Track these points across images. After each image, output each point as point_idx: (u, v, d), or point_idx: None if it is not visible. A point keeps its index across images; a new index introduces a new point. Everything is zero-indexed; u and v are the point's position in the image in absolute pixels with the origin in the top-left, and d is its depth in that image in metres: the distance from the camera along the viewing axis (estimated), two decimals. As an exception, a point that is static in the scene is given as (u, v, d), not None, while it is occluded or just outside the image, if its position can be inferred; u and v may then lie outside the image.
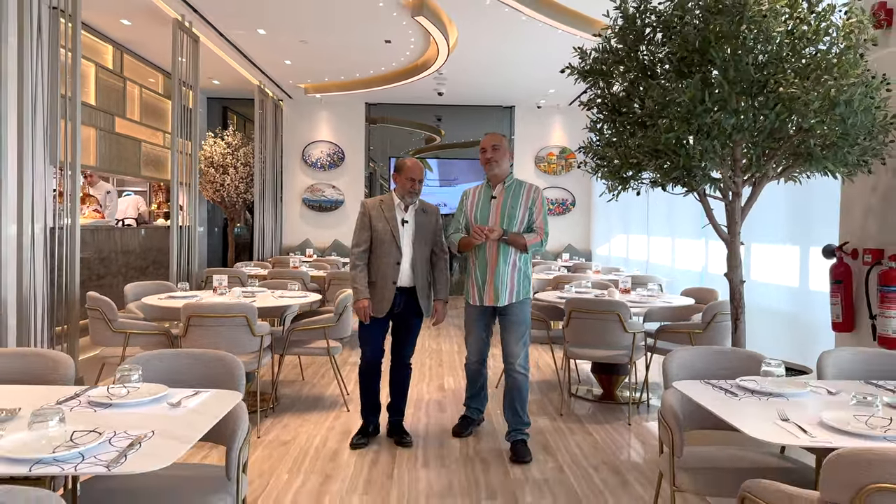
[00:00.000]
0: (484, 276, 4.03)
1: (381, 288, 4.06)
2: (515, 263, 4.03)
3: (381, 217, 4.08)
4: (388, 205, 4.13)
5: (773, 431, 1.97)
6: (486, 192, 4.12)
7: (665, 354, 2.93)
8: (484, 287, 4.03)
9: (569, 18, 6.93)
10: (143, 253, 9.31)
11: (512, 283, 4.01)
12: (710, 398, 2.32)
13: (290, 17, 7.48)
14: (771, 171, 3.47)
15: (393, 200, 4.13)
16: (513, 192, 4.06)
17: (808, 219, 4.97)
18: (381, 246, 4.07)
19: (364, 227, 4.11)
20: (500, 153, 4.05)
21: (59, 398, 2.17)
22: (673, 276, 7.63)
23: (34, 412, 1.79)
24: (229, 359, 2.55)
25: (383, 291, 4.05)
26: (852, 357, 2.84)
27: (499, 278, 3.99)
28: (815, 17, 3.29)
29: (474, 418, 4.44)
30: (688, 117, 3.14)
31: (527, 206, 4.03)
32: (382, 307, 4.06)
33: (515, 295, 4.03)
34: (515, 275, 4.03)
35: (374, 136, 12.96)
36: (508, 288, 4.01)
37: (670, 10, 3.45)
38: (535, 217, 4.03)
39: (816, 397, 2.34)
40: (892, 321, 3.51)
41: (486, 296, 4.03)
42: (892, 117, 3.39)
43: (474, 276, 4.09)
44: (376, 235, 4.07)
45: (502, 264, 3.99)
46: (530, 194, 4.07)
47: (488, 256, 4.00)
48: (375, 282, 4.08)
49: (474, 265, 4.08)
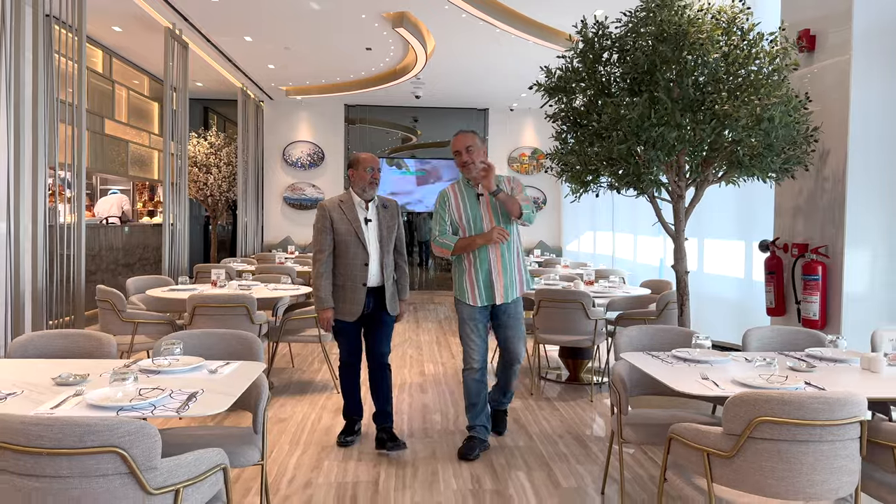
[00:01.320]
0: (488, 273, 3.85)
1: (350, 291, 3.90)
2: (519, 253, 3.96)
3: (342, 218, 3.90)
4: (349, 204, 3.94)
5: (693, 386, 2.49)
6: (469, 190, 3.94)
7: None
8: (492, 285, 3.85)
9: (538, 31, 7.45)
10: (130, 250, 9.65)
11: (520, 274, 3.94)
12: (649, 365, 2.84)
13: (277, 26, 7.90)
14: (711, 177, 4.02)
15: (352, 199, 3.96)
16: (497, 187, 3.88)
17: (752, 217, 5.55)
18: (346, 248, 3.89)
19: (325, 231, 3.90)
20: (475, 153, 3.87)
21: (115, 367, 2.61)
22: (635, 270, 8.22)
23: (115, 371, 2.24)
24: (250, 337, 3.01)
25: (353, 294, 3.89)
26: (771, 333, 3.40)
27: (507, 274, 3.87)
28: (746, 43, 3.84)
29: (482, 438, 4.01)
30: (637, 131, 3.66)
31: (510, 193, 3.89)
32: (354, 310, 3.90)
33: (526, 284, 3.98)
34: (521, 264, 3.96)
35: (352, 136, 13.38)
36: (518, 281, 3.93)
37: (624, 35, 3.99)
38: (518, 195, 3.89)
39: (735, 364, 2.88)
40: (813, 305, 4.08)
41: (495, 294, 3.86)
42: (812, 130, 3.97)
43: (475, 274, 3.88)
44: (339, 238, 3.89)
45: (508, 258, 3.88)
46: (510, 185, 3.94)
47: (493, 254, 3.85)
48: (343, 285, 3.91)
49: (473, 264, 3.88)
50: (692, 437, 2.32)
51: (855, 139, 3.98)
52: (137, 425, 1.77)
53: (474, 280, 3.88)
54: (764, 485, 2.14)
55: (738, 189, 4.52)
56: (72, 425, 1.71)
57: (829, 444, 2.10)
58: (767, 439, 2.10)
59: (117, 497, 1.76)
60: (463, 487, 3.49)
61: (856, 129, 3.98)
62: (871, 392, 2.45)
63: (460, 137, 3.91)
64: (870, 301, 4.01)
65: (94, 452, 1.72)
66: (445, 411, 4.87)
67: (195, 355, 2.87)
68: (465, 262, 3.91)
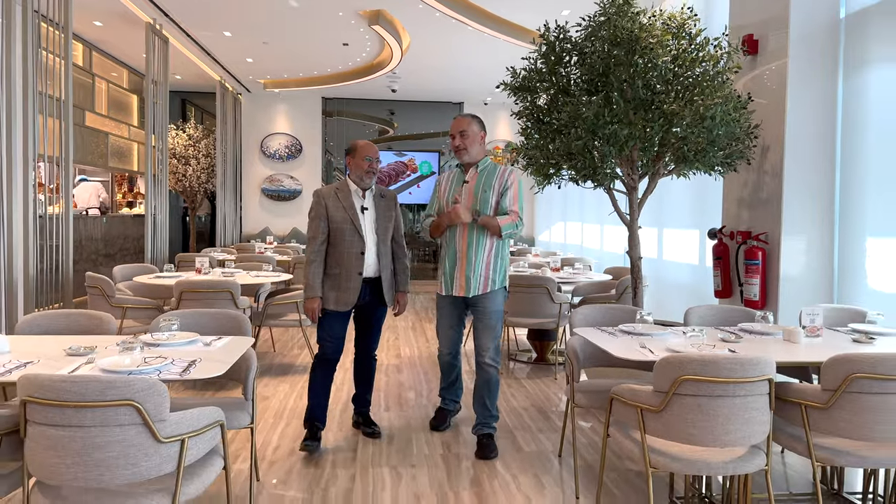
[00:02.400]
0: (454, 264, 3.85)
1: (345, 280, 3.78)
2: (491, 250, 3.84)
3: (338, 206, 3.80)
4: (345, 192, 3.85)
5: (633, 353, 2.85)
6: (459, 176, 3.95)
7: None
8: (454, 276, 3.85)
9: (509, 29, 7.78)
10: (111, 241, 9.84)
11: (487, 271, 3.82)
12: (599, 337, 3.19)
13: (256, 22, 8.13)
14: (661, 170, 4.38)
15: (349, 187, 3.87)
16: (486, 175, 3.89)
17: (706, 208, 5.94)
18: (341, 236, 3.78)
19: (320, 218, 3.80)
20: (469, 139, 3.83)
21: (118, 341, 2.90)
22: (602, 258, 8.62)
23: (124, 342, 2.54)
24: (239, 315, 3.31)
25: (348, 283, 3.78)
26: (710, 311, 3.78)
27: (470, 267, 3.81)
28: (693, 47, 4.19)
29: (451, 409, 4.29)
30: (593, 128, 4.00)
31: (499, 190, 3.85)
32: (349, 300, 3.79)
33: (491, 284, 3.84)
34: (491, 262, 3.85)
35: (329, 128, 13.62)
36: (483, 277, 3.82)
37: (582, 39, 4.32)
38: (509, 200, 3.84)
39: (672, 336, 3.24)
40: (754, 287, 4.48)
41: (455, 286, 3.85)
42: (753, 127, 4.35)
43: (444, 264, 3.92)
44: (335, 226, 3.79)
45: (474, 252, 3.82)
46: (503, 177, 3.88)
47: (458, 244, 3.84)
48: (339, 273, 3.79)
49: (445, 253, 3.92)
50: (628, 395, 2.67)
51: (791, 136, 4.37)
52: (150, 382, 2.07)
53: (442, 270, 3.93)
54: (688, 434, 2.50)
55: (694, 182, 4.89)
56: (94, 382, 2.01)
57: (742, 398, 2.46)
58: (690, 395, 2.46)
59: (133, 444, 2.06)
60: (434, 453, 3.83)
61: (791, 126, 4.36)
62: (783, 358, 2.83)
63: (457, 121, 3.89)
64: (803, 283, 4.40)
65: (114, 405, 2.02)
66: (419, 389, 5.21)
67: (192, 330, 3.16)
68: (442, 252, 3.98)
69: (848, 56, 4.35)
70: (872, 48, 4.17)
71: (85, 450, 2.02)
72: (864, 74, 4.22)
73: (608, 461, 3.67)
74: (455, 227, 3.85)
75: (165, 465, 2.14)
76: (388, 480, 3.43)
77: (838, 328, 3.59)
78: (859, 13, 4.27)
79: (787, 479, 3.55)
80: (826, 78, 4.40)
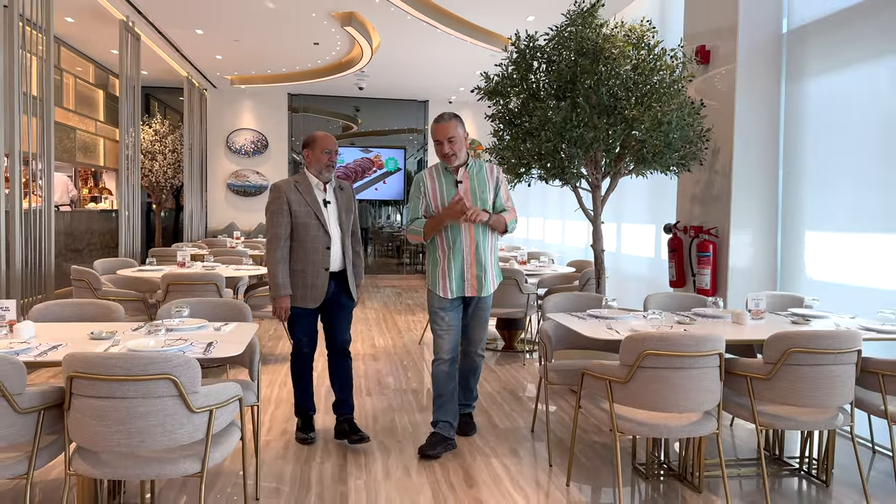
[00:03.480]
0: (462, 265, 3.72)
1: (311, 276, 3.69)
2: (493, 248, 3.84)
3: (300, 200, 3.66)
4: (305, 186, 3.71)
5: (601, 334, 3.21)
6: (448, 176, 3.78)
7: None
8: (464, 277, 3.73)
9: (476, 33, 8.11)
10: (78, 236, 9.85)
11: (493, 268, 3.82)
12: (569, 321, 3.55)
13: (228, 20, 8.28)
14: (622, 170, 4.77)
15: (309, 180, 3.74)
16: (476, 174, 3.80)
17: (661, 204, 6.38)
18: (305, 231, 3.67)
19: (281, 213, 3.64)
20: (457, 144, 3.71)
21: (133, 327, 3.14)
22: (564, 252, 9.04)
23: (151, 324, 2.78)
24: (240, 303, 3.57)
25: (315, 279, 3.69)
26: (666, 298, 4.19)
27: (481, 267, 3.74)
28: (652, 57, 4.58)
29: (447, 436, 3.78)
30: (561, 131, 4.36)
31: (493, 187, 3.82)
32: (316, 296, 3.71)
33: (497, 281, 3.86)
34: (495, 260, 3.87)
35: (295, 124, 13.75)
36: (491, 276, 3.80)
37: (550, 49, 4.68)
38: (503, 198, 3.85)
39: (634, 319, 3.61)
40: (706, 277, 4.91)
41: (467, 287, 3.73)
42: (705, 131, 4.77)
43: (448, 265, 3.73)
44: (298, 221, 3.66)
45: (484, 252, 3.75)
46: (493, 174, 3.85)
47: (466, 244, 3.72)
48: (304, 270, 3.70)
49: (447, 254, 3.74)
50: (598, 370, 3.04)
51: (739, 139, 4.81)
52: (186, 358, 2.34)
53: (447, 271, 3.73)
54: (650, 402, 2.87)
55: (651, 180, 5.30)
56: (138, 358, 2.27)
57: (696, 370, 2.85)
58: (652, 368, 2.83)
59: (170, 413, 2.32)
60: (417, 431, 4.14)
61: (739, 130, 4.80)
62: (731, 336, 3.23)
63: (441, 126, 3.71)
64: (750, 272, 4.86)
65: (154, 378, 2.28)
66: (397, 375, 5.52)
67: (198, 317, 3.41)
68: (438, 253, 3.77)
69: (789, 67, 4.81)
70: (810, 61, 4.63)
71: (128, 419, 2.28)
72: (803, 84, 4.68)
73: (577, 435, 4.05)
74: (458, 229, 3.71)
75: (196, 433, 2.41)
76: (378, 454, 3.73)
77: (780, 312, 4.03)
78: (799, 29, 4.73)
79: (735, 447, 3.97)
80: (770, 87, 4.85)
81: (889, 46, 4.00)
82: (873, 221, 4.09)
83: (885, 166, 4.00)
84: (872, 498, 3.26)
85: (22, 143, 5.42)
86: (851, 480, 3.46)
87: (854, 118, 4.26)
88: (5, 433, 2.35)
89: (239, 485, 3.28)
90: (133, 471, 2.40)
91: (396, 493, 3.23)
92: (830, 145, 4.45)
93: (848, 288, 4.30)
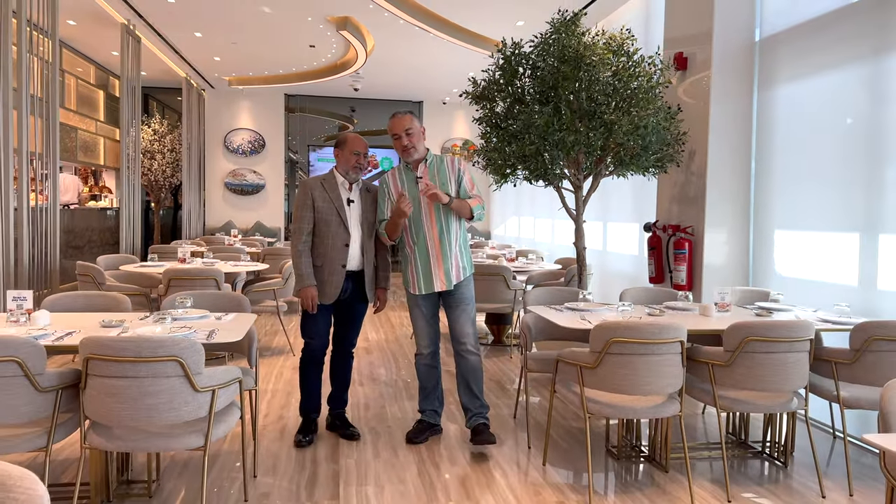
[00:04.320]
0: (428, 260, 3.76)
1: (328, 272, 3.76)
2: (458, 237, 3.83)
3: (324, 197, 3.77)
4: (331, 183, 3.82)
5: (573, 323, 3.46)
6: (409, 174, 3.83)
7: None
8: (432, 272, 3.76)
9: (466, 36, 8.36)
10: (79, 233, 10.07)
11: (458, 260, 3.80)
12: (547, 312, 3.80)
13: (226, 24, 8.52)
14: (602, 171, 5.02)
15: (336, 179, 3.83)
16: (436, 168, 3.84)
17: (645, 204, 6.63)
18: (326, 227, 3.75)
19: (307, 208, 3.76)
20: (415, 136, 3.78)
21: (140, 317, 3.38)
22: (553, 250, 9.30)
23: (157, 314, 3.02)
24: (240, 296, 3.81)
25: (331, 276, 3.76)
26: (641, 292, 4.44)
27: (446, 259, 3.75)
28: (631, 64, 4.83)
29: (433, 423, 3.99)
30: (545, 135, 4.60)
31: (455, 179, 3.83)
32: (331, 293, 3.77)
33: (463, 271, 3.83)
34: (460, 250, 3.84)
35: (292, 124, 13.98)
36: (456, 266, 3.79)
37: (535, 55, 4.92)
38: (466, 186, 3.83)
39: (608, 311, 3.86)
40: (682, 273, 5.16)
41: (436, 282, 3.76)
42: (682, 134, 5.02)
43: (415, 262, 3.80)
44: (320, 216, 3.75)
45: (446, 243, 3.76)
46: (454, 165, 3.87)
47: (428, 238, 3.77)
48: (322, 266, 3.77)
49: (414, 251, 3.80)
50: (570, 356, 3.29)
51: (713, 142, 5.06)
52: (191, 342, 2.58)
53: (415, 269, 3.81)
54: (617, 385, 3.12)
55: (634, 181, 5.55)
56: (148, 341, 2.51)
57: (659, 356, 3.09)
58: (618, 354, 3.08)
59: (176, 392, 2.56)
60: (405, 417, 4.39)
61: (714, 133, 5.06)
62: (696, 327, 3.48)
63: (397, 120, 3.79)
64: (723, 269, 5.11)
65: (163, 360, 2.52)
66: (389, 366, 5.77)
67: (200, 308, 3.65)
68: (407, 251, 3.84)
69: (761, 74, 5.07)
70: (780, 68, 4.89)
71: (139, 396, 2.52)
72: (774, 90, 4.94)
73: (554, 421, 4.30)
74: (420, 224, 3.76)
75: (200, 410, 2.66)
76: (369, 438, 3.98)
77: (747, 306, 4.28)
78: (770, 38, 4.98)
79: (707, 432, 4.23)
80: (743, 92, 5.11)
81: (853, 55, 4.25)
82: (835, 221, 4.35)
83: (846, 168, 4.26)
84: (827, 478, 3.51)
85: (28, 143, 5.65)
86: (809, 462, 3.71)
87: (820, 123, 4.51)
88: (26, 410, 2.59)
89: (237, 465, 3.52)
90: (143, 444, 2.65)
91: (384, 470, 3.48)
92: (798, 149, 4.70)
93: (813, 283, 4.56)
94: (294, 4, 7.60)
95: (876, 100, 4.06)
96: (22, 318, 3.04)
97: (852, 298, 4.12)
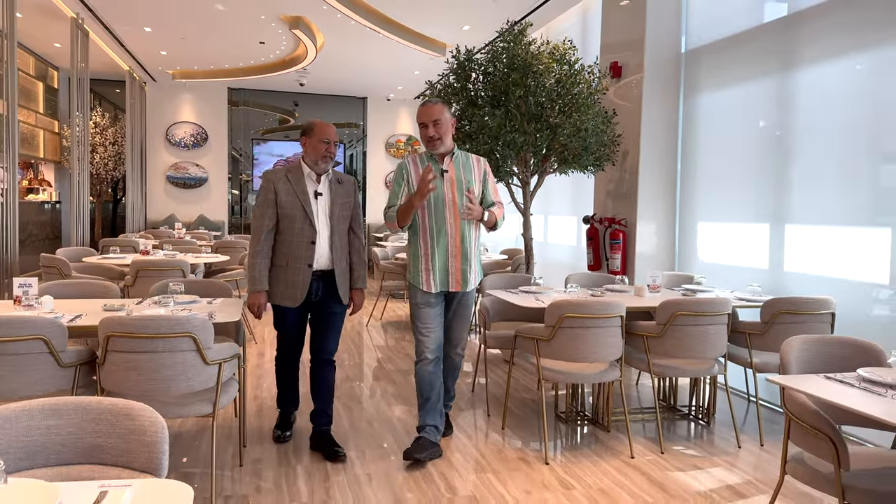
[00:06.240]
0: (446, 259, 3.54)
1: (293, 272, 3.46)
2: (476, 241, 3.66)
3: (289, 190, 3.45)
4: (297, 175, 3.50)
5: (528, 303, 3.94)
6: (434, 166, 3.53)
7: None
8: (448, 271, 3.55)
9: (413, 38, 8.76)
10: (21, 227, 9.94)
11: (475, 264, 3.65)
12: (505, 295, 4.28)
13: (177, 19, 8.62)
14: (548, 169, 5.53)
15: (302, 170, 3.52)
16: (462, 165, 3.61)
17: (582, 199, 7.21)
18: (290, 223, 3.45)
19: (267, 204, 3.45)
20: (443, 127, 3.51)
21: (135, 301, 3.66)
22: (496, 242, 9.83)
23: (159, 298, 3.33)
24: (221, 282, 4.13)
25: (296, 276, 3.46)
26: (583, 277, 4.99)
27: (466, 261, 3.57)
28: (572, 72, 5.35)
29: (434, 441, 3.58)
30: (496, 135, 5.07)
31: (480, 180, 3.66)
32: (297, 295, 3.47)
33: (478, 276, 3.70)
34: (478, 254, 3.70)
35: (235, 117, 14.03)
36: (475, 271, 3.64)
37: (486, 62, 5.38)
38: (491, 191, 3.70)
39: (557, 293, 4.37)
40: (617, 261, 5.74)
41: (451, 281, 3.56)
42: (617, 136, 5.58)
43: (432, 259, 3.54)
44: (283, 212, 3.44)
45: (468, 245, 3.58)
46: (480, 166, 3.68)
47: (451, 237, 3.53)
48: (286, 265, 3.48)
49: (429, 244, 3.55)
50: (528, 331, 3.77)
51: (644, 142, 5.65)
52: (202, 319, 2.92)
53: (430, 265, 3.54)
54: (569, 355, 3.61)
55: (573, 178, 6.08)
56: (165, 318, 2.83)
57: (603, 329, 3.61)
58: (569, 328, 3.58)
59: (189, 365, 2.90)
60: (375, 394, 4.79)
61: (645, 134, 5.65)
62: (632, 304, 4.02)
63: (427, 108, 3.52)
64: (653, 256, 5.72)
65: (178, 336, 2.85)
66: (370, 353, 6.14)
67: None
68: (419, 244, 3.57)
69: (687, 82, 5.69)
70: (702, 78, 5.51)
71: (157, 369, 2.84)
72: (697, 98, 5.56)
73: (511, 394, 4.79)
74: (443, 217, 3.51)
75: (210, 381, 3.00)
76: (343, 413, 4.37)
77: (675, 288, 4.87)
78: (695, 50, 5.60)
79: (640, 399, 4.80)
80: (671, 98, 5.71)
81: (765, 68, 4.89)
82: (749, 213, 4.99)
83: (758, 168, 4.90)
84: (743, 433, 4.12)
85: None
86: (729, 422, 4.31)
87: (736, 128, 5.15)
88: (49, 384, 2.88)
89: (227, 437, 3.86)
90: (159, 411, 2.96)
91: (360, 438, 3.88)
92: (718, 150, 5.34)
93: (730, 268, 5.21)
94: (248, 2, 7.81)
95: (783, 108, 4.70)
96: (35, 303, 3.28)
97: (763, 279, 4.77)
